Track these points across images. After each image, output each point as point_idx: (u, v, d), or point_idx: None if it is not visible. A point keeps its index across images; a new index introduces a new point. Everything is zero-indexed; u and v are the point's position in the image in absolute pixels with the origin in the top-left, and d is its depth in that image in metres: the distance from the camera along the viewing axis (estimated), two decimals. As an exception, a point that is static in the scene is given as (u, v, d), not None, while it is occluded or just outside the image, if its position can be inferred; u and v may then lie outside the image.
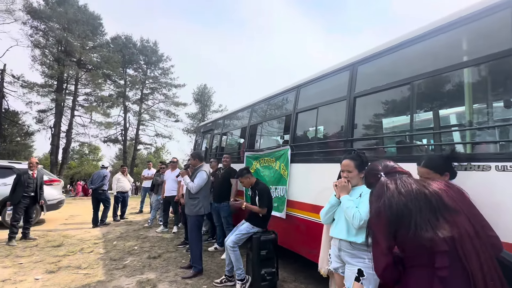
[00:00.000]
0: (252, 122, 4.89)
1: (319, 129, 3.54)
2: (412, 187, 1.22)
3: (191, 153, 4.31)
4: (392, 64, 2.69)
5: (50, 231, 6.17)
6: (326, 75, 3.33)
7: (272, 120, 4.53)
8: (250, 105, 5.08)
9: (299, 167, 3.49)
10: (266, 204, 3.28)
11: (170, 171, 6.30)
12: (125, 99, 24.86)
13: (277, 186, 3.79)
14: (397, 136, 2.81)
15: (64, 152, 21.70)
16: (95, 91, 23.02)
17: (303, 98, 3.67)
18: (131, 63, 25.61)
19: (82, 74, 21.39)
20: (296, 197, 3.45)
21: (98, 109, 22.53)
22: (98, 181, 6.76)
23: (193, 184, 3.64)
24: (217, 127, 6.70)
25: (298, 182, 3.46)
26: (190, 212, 3.69)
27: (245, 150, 4.82)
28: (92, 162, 33.60)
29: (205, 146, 7.41)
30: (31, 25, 19.69)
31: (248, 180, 3.46)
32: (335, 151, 3.03)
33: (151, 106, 27.63)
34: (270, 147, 4.23)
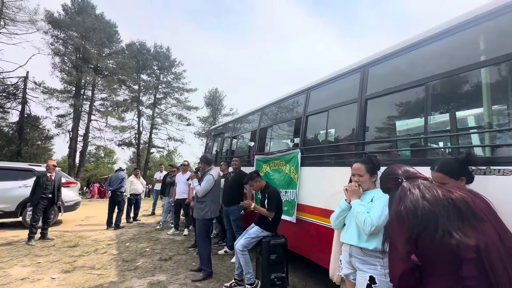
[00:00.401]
0: (262, 125, 4.89)
1: (330, 132, 3.48)
2: (438, 192, 1.19)
3: (200, 157, 4.35)
4: (405, 65, 2.62)
5: (67, 232, 6.37)
6: (337, 77, 3.29)
7: (282, 123, 4.51)
8: (260, 108, 5.09)
9: (309, 171, 3.45)
10: (274, 207, 3.26)
11: (181, 174, 6.38)
12: (139, 103, 25.53)
13: (287, 190, 3.75)
14: (411, 138, 2.73)
15: (81, 155, 22.49)
16: (110, 96, 23.82)
17: (313, 101, 3.65)
18: (145, 69, 26.34)
19: (99, 80, 22.17)
20: (306, 201, 3.41)
21: (113, 114, 23.26)
22: (117, 183, 6.93)
23: (200, 188, 3.66)
24: (228, 130, 6.74)
25: (308, 186, 3.42)
26: (198, 215, 3.71)
27: (255, 153, 4.83)
28: (107, 165, 34.58)
29: (216, 149, 7.47)
30: (51, 34, 20.69)
31: (258, 184, 3.45)
32: (346, 154, 2.99)
33: (163, 110, 28.24)
34: (280, 150, 4.22)
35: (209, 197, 3.73)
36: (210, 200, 3.74)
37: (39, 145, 23.29)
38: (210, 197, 3.74)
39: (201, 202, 3.71)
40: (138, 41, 26.49)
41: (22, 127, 20.24)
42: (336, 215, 2.03)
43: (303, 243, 3.39)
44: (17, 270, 3.84)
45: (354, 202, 1.91)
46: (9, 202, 6.39)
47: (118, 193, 6.91)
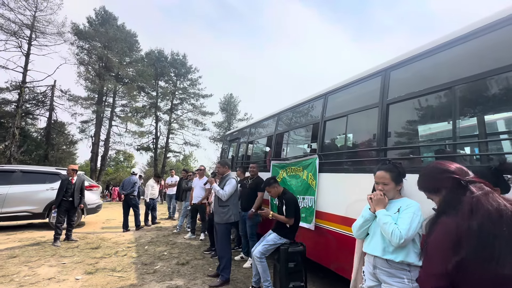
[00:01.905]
0: (279, 130, 4.87)
1: (349, 138, 3.42)
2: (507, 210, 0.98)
3: (218, 161, 4.38)
4: (429, 68, 2.52)
5: (89, 234, 6.59)
6: (356, 82, 3.23)
7: (299, 129, 4.49)
8: (276, 113, 5.09)
9: (328, 177, 3.39)
10: (293, 214, 3.21)
11: (198, 178, 6.45)
12: (157, 109, 26.28)
13: (304, 196, 3.70)
14: (436, 144, 2.60)
15: (103, 159, 23.37)
16: (130, 102, 24.68)
17: (331, 106, 3.60)
18: (163, 76, 27.13)
19: (119, 87, 23.07)
20: (325, 208, 3.35)
21: (133, 119, 24.03)
22: (129, 187, 7.11)
23: (224, 192, 3.66)
24: (244, 135, 6.77)
25: (327, 193, 3.36)
26: (221, 220, 3.70)
27: (271, 158, 4.81)
28: (126, 168, 35.69)
29: (232, 154, 7.51)
30: (77, 45, 21.86)
31: (275, 190, 3.42)
32: (366, 161, 2.91)
33: (180, 116, 28.86)
34: (297, 156, 4.17)
35: (232, 200, 3.75)
36: (233, 203, 3.75)
37: (64, 150, 24.48)
38: (232, 201, 3.75)
39: (224, 206, 3.70)
40: (156, 49, 27.40)
41: (49, 133, 21.39)
42: (359, 225, 1.96)
43: (322, 252, 3.32)
44: (44, 269, 4.01)
45: (380, 212, 1.84)
46: (37, 204, 6.72)
47: (131, 196, 7.08)
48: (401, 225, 1.71)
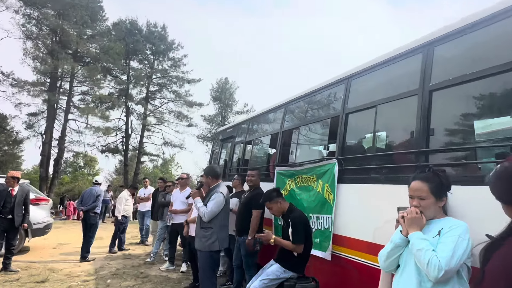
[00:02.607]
0: (286, 126, 4.88)
1: (379, 136, 3.40)
2: None
3: (204, 169, 4.38)
4: (490, 42, 2.48)
5: (34, 263, 6.61)
6: (388, 62, 3.21)
7: (312, 124, 4.49)
8: (283, 104, 5.11)
9: (350, 189, 3.38)
10: (302, 239, 3.21)
11: (179, 190, 6.45)
12: (128, 98, 26.46)
13: (319, 215, 3.69)
14: (498, 146, 2.56)
15: (56, 164, 23.56)
16: (92, 89, 24.89)
17: (355, 94, 3.59)
18: (136, 54, 27.33)
19: (79, 69, 23.27)
20: (346, 231, 3.34)
21: (96, 112, 24.26)
22: (90, 201, 7.11)
23: (205, 209, 3.66)
24: (240, 133, 6.77)
25: (348, 210, 3.36)
26: (201, 246, 3.72)
27: (276, 164, 4.81)
28: (87, 176, 35.98)
29: (224, 158, 7.51)
30: (23, 13, 22.09)
31: (278, 206, 3.41)
32: (402, 168, 2.90)
33: (158, 107, 29.07)
34: (310, 161, 4.17)
35: (217, 222, 3.74)
36: (219, 226, 3.75)
37: (6, 151, 24.80)
38: (218, 222, 3.75)
39: (207, 229, 3.73)
40: (127, 19, 27.66)
41: (-14, 129, 21.65)
42: (386, 253, 1.94)
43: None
44: (-29, 310, 4.02)
45: (414, 235, 1.82)
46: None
47: (91, 214, 7.08)
48: (441, 252, 1.68)
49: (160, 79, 28.77)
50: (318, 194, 3.75)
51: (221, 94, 31.45)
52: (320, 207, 3.68)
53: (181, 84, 28.73)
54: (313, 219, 3.74)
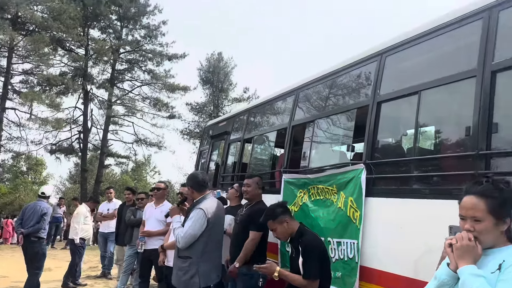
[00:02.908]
0: (298, 119, 4.90)
1: (423, 134, 3.40)
2: None
3: (187, 178, 4.42)
4: None
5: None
6: (435, 32, 3.20)
7: (333, 116, 4.50)
8: (294, 89, 5.13)
9: (382, 205, 3.38)
10: (316, 272, 3.21)
11: (154, 205, 6.49)
12: (86, 79, 26.58)
13: (340, 240, 3.71)
14: None
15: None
16: (38, 67, 25.01)
17: (391, 75, 3.60)
18: (97, 19, 27.43)
19: (20, 39, 23.43)
20: (377, 262, 3.33)
21: (43, 98, 24.37)
22: (32, 221, 7.09)
23: (180, 231, 3.72)
24: (237, 128, 6.81)
25: (381, 234, 3.35)
26: (177, 282, 3.77)
27: (284, 170, 4.83)
28: (31, 186, 36.28)
29: (216, 160, 7.53)
30: None
31: (284, 227, 3.43)
32: (454, 177, 2.91)
33: (128, 92, 29.15)
34: (329, 166, 4.16)
35: (198, 249, 3.76)
36: (200, 254, 3.77)
37: None
38: (199, 250, 3.76)
39: (184, 259, 3.76)
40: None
41: None
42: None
43: None
44: None
45: (465, 269, 1.82)
46: None
47: (33, 238, 7.03)
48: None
49: (130, 53, 28.83)
50: (340, 211, 3.75)
51: (213, 76, 31.44)
52: (342, 229, 3.68)
53: (158, 61, 28.72)
54: (333, 245, 3.74)
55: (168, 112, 29.15)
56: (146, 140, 28.94)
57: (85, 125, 27.13)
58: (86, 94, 26.90)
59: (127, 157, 30.26)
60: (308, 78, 4.89)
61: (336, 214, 3.81)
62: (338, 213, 3.79)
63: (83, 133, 27.18)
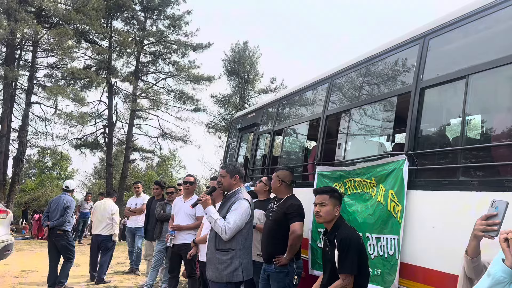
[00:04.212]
0: (332, 109, 4.88)
1: (471, 122, 3.34)
2: None
3: (223, 164, 4.44)
4: None
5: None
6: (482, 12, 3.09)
7: (370, 105, 4.45)
8: (327, 76, 5.10)
9: (426, 198, 3.33)
10: (354, 267, 3.18)
11: (182, 199, 6.55)
12: (110, 72, 27.02)
13: (380, 235, 3.67)
14: None
15: (16, 164, 24.57)
16: (62, 60, 25.57)
17: (435, 59, 3.54)
18: (120, 11, 27.78)
19: (44, 33, 24.02)
20: (420, 259, 3.30)
21: (67, 92, 24.94)
22: (57, 214, 7.35)
23: (226, 224, 3.71)
24: (266, 119, 6.82)
25: (425, 230, 3.31)
26: (217, 276, 3.79)
27: (317, 162, 4.82)
28: (57, 181, 37.32)
29: (244, 154, 7.54)
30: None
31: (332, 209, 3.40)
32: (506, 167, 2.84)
33: (152, 85, 29.46)
34: (367, 157, 4.15)
35: (241, 241, 3.83)
36: (241, 247, 3.84)
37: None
38: (242, 242, 3.84)
39: (226, 251, 3.82)
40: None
41: None
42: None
43: None
44: None
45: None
46: None
47: (58, 232, 7.28)
48: None
49: (154, 45, 29.06)
50: (379, 205, 3.72)
51: (238, 66, 31.44)
52: (382, 224, 3.65)
53: (183, 51, 28.83)
54: (371, 241, 3.72)
55: (193, 105, 29.36)
56: (171, 134, 29.31)
57: (110, 119, 27.62)
58: (111, 88, 27.37)
59: (152, 151, 30.74)
60: (343, 65, 4.85)
61: (375, 208, 3.77)
62: (377, 207, 3.75)
63: (108, 127, 27.70)
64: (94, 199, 19.12)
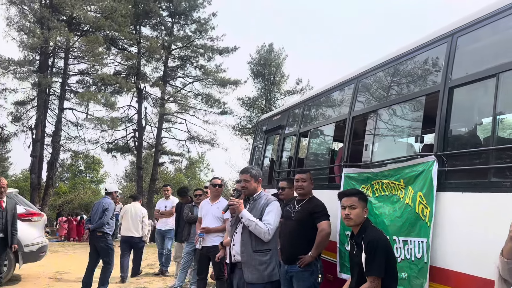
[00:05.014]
0: (358, 109, 4.85)
1: (504, 121, 3.28)
2: None
3: (244, 168, 4.47)
4: None
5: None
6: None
7: (398, 105, 4.40)
8: (354, 77, 5.08)
9: (456, 201, 3.27)
10: (381, 269, 3.14)
11: (209, 201, 6.59)
12: (139, 78, 27.52)
13: (407, 238, 3.62)
14: None
15: (50, 168, 25.32)
16: (93, 67, 26.26)
17: (463, 57, 3.46)
18: (148, 16, 28.23)
19: (75, 40, 24.69)
20: (451, 263, 3.23)
21: (98, 97, 25.57)
22: (96, 217, 7.52)
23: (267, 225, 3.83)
24: (292, 121, 6.82)
25: (456, 232, 3.25)
26: (258, 277, 3.87)
27: (344, 164, 4.80)
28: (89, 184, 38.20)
29: (270, 156, 7.54)
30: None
31: (362, 212, 3.40)
32: None
33: (180, 89, 29.85)
34: (395, 159, 4.11)
35: (274, 242, 4.00)
36: (275, 246, 4.02)
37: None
38: (275, 242, 4.01)
39: (264, 252, 3.93)
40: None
41: (-34, 124, 23.77)
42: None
43: None
44: None
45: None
46: None
47: (98, 234, 7.42)
48: None
49: (181, 50, 29.46)
50: (407, 207, 3.66)
51: (264, 68, 31.52)
52: (410, 226, 3.59)
53: (210, 55, 29.17)
54: (398, 244, 3.67)
55: (220, 108, 29.65)
56: (198, 137, 29.66)
57: (139, 123, 28.20)
58: (140, 93, 27.96)
59: (180, 154, 31.18)
60: (369, 65, 4.81)
61: (403, 210, 3.71)
62: (405, 209, 3.69)
63: (138, 131, 28.28)
64: (124, 202, 19.38)
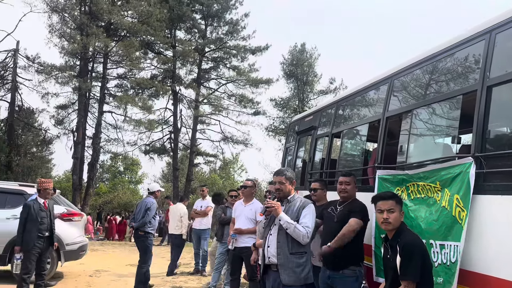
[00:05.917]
0: (393, 109, 4.78)
1: None
2: None
3: (277, 170, 4.47)
4: None
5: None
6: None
7: (434, 105, 4.31)
8: (388, 76, 5.02)
9: (494, 204, 3.17)
10: (417, 273, 3.08)
11: (243, 203, 6.61)
12: (175, 81, 28.08)
13: (444, 242, 3.52)
14: None
15: (90, 169, 26.20)
16: (130, 71, 27.02)
17: (502, 55, 3.34)
18: (182, 20, 28.71)
19: (113, 45, 25.41)
20: (483, 266, 3.17)
21: (136, 101, 26.30)
22: (139, 217, 7.69)
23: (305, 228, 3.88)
24: (324, 122, 6.77)
25: (493, 236, 3.15)
26: (295, 280, 3.90)
27: (378, 165, 4.74)
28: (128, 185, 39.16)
29: (302, 157, 7.50)
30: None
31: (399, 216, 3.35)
32: None
33: (214, 90, 30.19)
34: (431, 160, 4.06)
35: (309, 243, 4.08)
36: (309, 249, 4.11)
37: (34, 154, 28.18)
38: (309, 244, 4.08)
39: (300, 255, 3.99)
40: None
41: (13, 127, 24.88)
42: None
43: None
44: None
45: None
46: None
47: (140, 233, 7.61)
48: None
49: (214, 52, 29.83)
50: (443, 210, 3.57)
51: (297, 68, 31.39)
52: (446, 230, 3.50)
53: (242, 56, 29.45)
54: (435, 248, 3.58)
55: (253, 109, 29.85)
56: (232, 138, 29.94)
57: (175, 125, 28.83)
58: (175, 95, 28.58)
59: (215, 155, 31.55)
60: (403, 64, 4.74)
61: (440, 213, 3.63)
62: (442, 212, 3.61)
63: (174, 133, 28.91)
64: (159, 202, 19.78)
